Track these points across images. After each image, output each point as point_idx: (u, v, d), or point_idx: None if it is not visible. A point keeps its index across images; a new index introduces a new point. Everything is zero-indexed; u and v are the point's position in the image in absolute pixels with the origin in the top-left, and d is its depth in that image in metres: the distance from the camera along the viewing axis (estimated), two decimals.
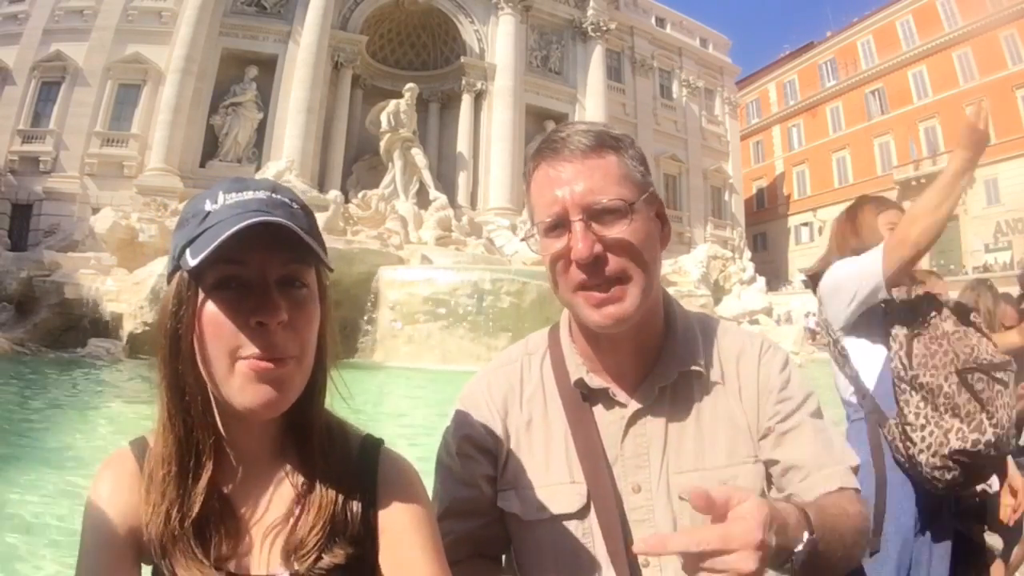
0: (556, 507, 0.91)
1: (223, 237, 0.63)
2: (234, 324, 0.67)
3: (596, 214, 0.84)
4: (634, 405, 0.92)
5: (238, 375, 0.67)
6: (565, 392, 0.96)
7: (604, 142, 0.88)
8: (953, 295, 2.26)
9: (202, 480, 0.70)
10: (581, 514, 0.91)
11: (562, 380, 0.96)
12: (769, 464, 0.92)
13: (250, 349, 0.67)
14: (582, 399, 0.94)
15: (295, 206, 0.72)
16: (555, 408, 0.96)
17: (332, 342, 0.76)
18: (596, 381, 0.94)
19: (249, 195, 0.70)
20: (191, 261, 0.65)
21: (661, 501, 0.90)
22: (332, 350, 0.77)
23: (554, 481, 0.93)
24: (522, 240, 0.98)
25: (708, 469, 0.90)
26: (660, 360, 0.94)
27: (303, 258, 0.69)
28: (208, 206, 0.69)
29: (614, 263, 0.84)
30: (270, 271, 0.68)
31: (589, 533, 0.90)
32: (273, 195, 0.71)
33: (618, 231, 0.84)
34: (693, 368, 0.93)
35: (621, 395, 0.93)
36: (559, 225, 0.86)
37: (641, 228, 0.86)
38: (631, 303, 0.85)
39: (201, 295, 0.67)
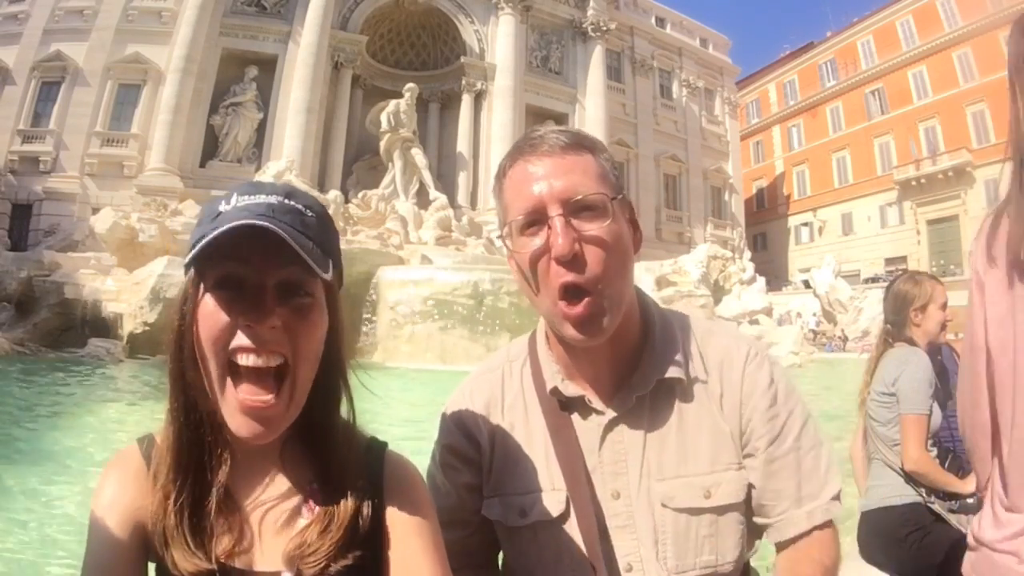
0: (536, 514, 0.91)
1: (211, 236, 0.65)
2: (225, 322, 0.67)
3: (575, 209, 0.83)
4: (611, 413, 0.91)
5: (229, 401, 0.69)
6: (543, 400, 0.95)
7: (581, 142, 0.89)
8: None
9: (202, 474, 0.71)
10: (561, 520, 0.90)
11: (540, 388, 0.95)
12: (750, 485, 0.91)
13: (240, 354, 0.68)
14: (560, 407, 0.94)
15: (309, 214, 0.72)
16: (536, 415, 0.95)
17: (344, 351, 0.77)
18: (572, 389, 0.93)
19: (261, 199, 0.70)
20: (189, 254, 0.67)
21: (642, 507, 0.89)
22: (346, 358, 0.78)
23: (535, 488, 0.92)
24: (498, 238, 0.97)
25: (690, 476, 0.89)
26: (638, 368, 0.92)
27: (303, 265, 0.69)
28: (222, 207, 0.70)
29: (592, 262, 0.83)
30: (269, 275, 0.68)
31: (570, 539, 0.90)
32: (285, 201, 0.71)
33: (596, 228, 0.83)
34: (671, 376, 0.91)
35: (598, 403, 0.92)
36: (536, 221, 0.85)
37: (617, 229, 0.85)
38: (606, 316, 0.84)
39: (202, 291, 0.69)
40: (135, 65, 22.31)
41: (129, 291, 11.84)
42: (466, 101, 25.26)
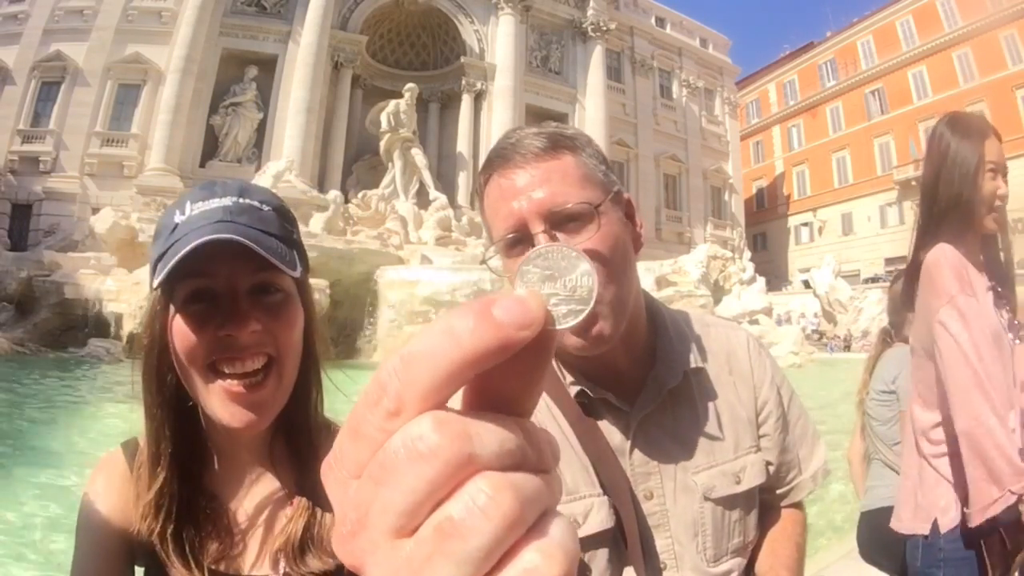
0: (594, 524, 0.84)
1: (174, 261, 0.63)
2: (203, 338, 0.66)
3: (559, 222, 0.77)
4: (639, 411, 0.88)
5: (214, 394, 0.67)
6: (563, 404, 0.88)
7: (558, 142, 0.81)
8: None
9: (177, 481, 0.71)
10: (615, 530, 0.84)
11: (556, 391, 0.88)
12: (767, 464, 0.96)
13: (223, 363, 0.67)
14: (584, 412, 0.89)
15: (265, 208, 0.70)
16: (562, 422, 0.89)
17: (321, 342, 0.76)
18: (597, 391, 0.88)
19: (215, 203, 0.68)
20: (155, 280, 0.65)
21: (680, 503, 0.87)
22: (322, 350, 0.76)
23: (584, 494, 0.85)
24: (482, 263, 0.90)
25: (720, 464, 0.90)
26: (658, 361, 0.89)
27: (270, 263, 0.67)
28: (177, 217, 0.69)
29: None
30: (240, 281, 0.67)
31: (619, 549, 0.86)
32: (240, 200, 0.69)
33: (585, 239, 0.76)
34: (695, 366, 0.91)
35: (622, 404, 0.88)
36: (521, 240, 0.79)
37: (610, 233, 0.79)
38: (606, 322, 0.79)
39: (172, 310, 0.67)
40: (135, 65, 22.30)
41: (129, 291, 11.84)
42: (466, 101, 25.26)
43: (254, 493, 0.75)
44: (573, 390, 0.88)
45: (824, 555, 3.05)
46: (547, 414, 0.90)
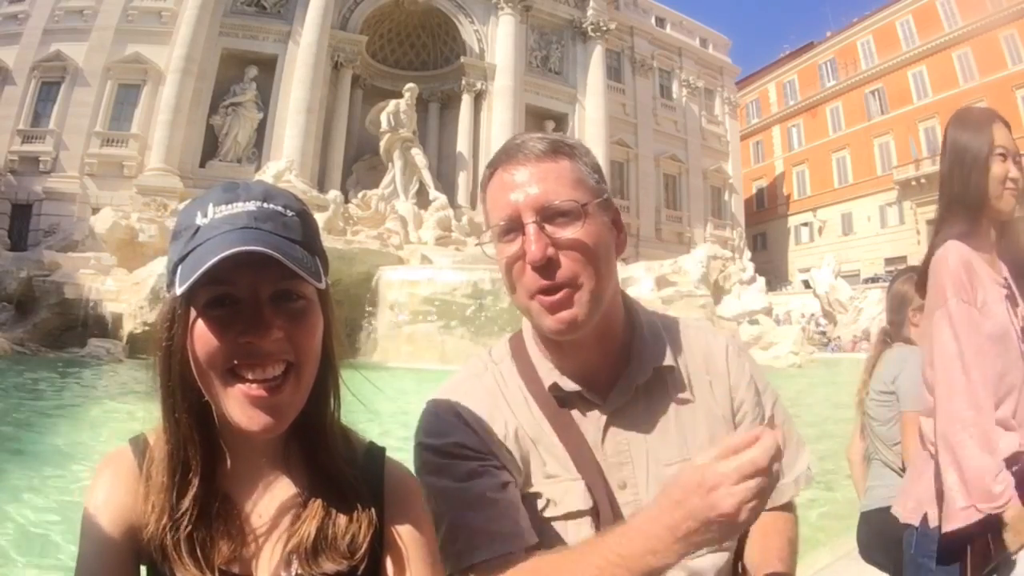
0: (569, 503, 0.90)
1: (201, 271, 0.62)
2: (224, 343, 0.66)
3: (549, 216, 0.85)
4: (611, 405, 0.93)
5: (232, 397, 0.67)
6: (540, 397, 0.95)
7: (558, 148, 0.90)
8: None
9: (198, 486, 0.70)
10: (591, 512, 0.89)
11: (535, 385, 0.95)
12: None
13: (243, 369, 0.66)
14: (558, 404, 0.94)
15: (289, 214, 0.70)
16: (538, 413, 0.95)
17: (339, 346, 0.76)
18: (570, 385, 0.94)
19: (239, 207, 0.68)
20: (178, 287, 0.64)
21: (653, 493, 0.89)
22: (339, 353, 0.76)
23: (563, 477, 0.91)
24: (477, 245, 1.01)
25: (694, 458, 0.91)
26: (631, 359, 0.95)
27: (296, 273, 0.66)
28: (199, 219, 0.68)
29: (566, 265, 0.85)
30: (262, 289, 0.67)
31: (595, 531, 0.90)
32: (264, 205, 0.69)
33: (571, 233, 0.85)
34: (666, 364, 0.96)
35: (595, 397, 0.94)
36: (513, 228, 0.87)
37: (594, 232, 0.87)
38: (581, 309, 0.86)
39: (193, 314, 0.67)
40: (135, 65, 22.30)
41: (129, 291, 11.85)
42: (466, 101, 25.25)
43: (268, 495, 0.75)
44: (548, 382, 0.94)
45: (824, 555, 3.05)
46: (525, 408, 0.96)
